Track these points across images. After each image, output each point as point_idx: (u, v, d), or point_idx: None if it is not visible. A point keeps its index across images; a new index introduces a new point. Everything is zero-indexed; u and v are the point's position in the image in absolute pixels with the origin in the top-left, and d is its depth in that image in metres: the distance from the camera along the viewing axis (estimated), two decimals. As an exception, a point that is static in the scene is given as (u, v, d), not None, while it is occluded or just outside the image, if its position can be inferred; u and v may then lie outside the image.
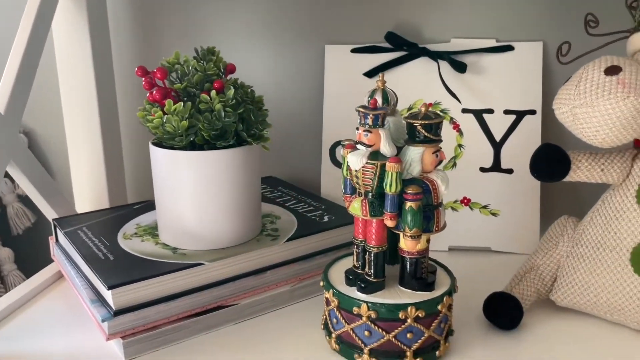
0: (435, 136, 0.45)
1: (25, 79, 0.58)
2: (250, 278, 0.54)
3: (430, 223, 0.45)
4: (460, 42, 0.71)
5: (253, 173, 0.54)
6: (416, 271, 0.47)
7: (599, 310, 0.52)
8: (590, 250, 0.52)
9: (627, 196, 0.50)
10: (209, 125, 0.49)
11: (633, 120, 0.45)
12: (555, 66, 0.69)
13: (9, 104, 0.56)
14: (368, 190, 0.45)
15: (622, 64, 0.46)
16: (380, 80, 0.48)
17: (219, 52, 0.55)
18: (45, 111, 0.82)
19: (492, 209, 0.69)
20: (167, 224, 0.54)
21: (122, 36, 0.78)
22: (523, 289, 0.53)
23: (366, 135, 0.44)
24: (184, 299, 0.50)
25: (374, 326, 0.45)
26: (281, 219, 0.61)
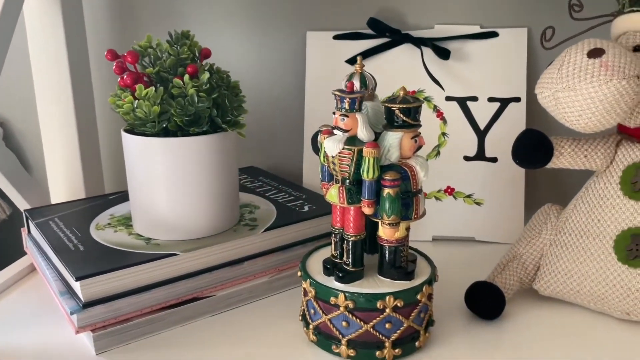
0: (414, 121, 0.44)
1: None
2: (227, 269, 0.52)
3: (409, 210, 0.44)
4: (444, 28, 0.70)
5: (229, 161, 0.52)
6: (395, 260, 0.46)
7: (582, 299, 0.51)
8: (574, 238, 0.51)
9: (610, 183, 0.49)
10: (181, 111, 0.48)
11: (616, 103, 0.44)
12: (540, 53, 0.68)
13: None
14: (345, 177, 0.44)
15: (606, 46, 0.44)
16: (359, 64, 0.47)
17: (194, 36, 0.53)
18: (20, 101, 0.80)
19: (476, 198, 0.68)
20: (140, 214, 0.53)
21: (97, 21, 0.76)
22: (505, 278, 0.52)
23: (343, 119, 0.43)
24: (158, 290, 0.49)
25: (352, 316, 0.44)
26: (260, 209, 0.60)
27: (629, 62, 0.44)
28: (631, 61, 0.44)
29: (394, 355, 0.44)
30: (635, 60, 0.45)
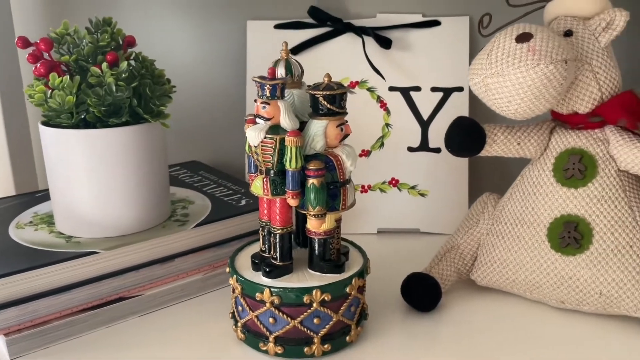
0: (339, 108, 0.42)
1: None
2: (155, 267, 0.50)
3: (337, 201, 0.43)
4: (386, 17, 0.69)
5: (155, 153, 0.50)
6: (324, 253, 0.44)
7: (518, 289, 0.50)
8: (509, 227, 0.50)
9: (544, 170, 0.49)
10: (98, 101, 0.45)
11: (545, 89, 0.43)
12: (483, 41, 0.67)
13: None
14: (269, 168, 0.42)
15: (534, 31, 0.44)
16: (284, 49, 0.45)
17: (116, 22, 0.51)
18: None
19: (421, 189, 0.67)
20: (61, 211, 0.50)
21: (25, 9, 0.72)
22: (443, 269, 0.51)
23: (264, 107, 0.41)
24: (78, 290, 0.46)
25: (279, 312, 0.42)
26: (195, 204, 0.57)
27: (557, 46, 0.43)
28: (559, 45, 0.43)
29: (324, 351, 0.43)
30: (564, 45, 0.44)
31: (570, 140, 0.48)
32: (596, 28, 0.47)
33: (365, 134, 0.68)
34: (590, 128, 0.48)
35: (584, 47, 0.47)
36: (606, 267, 0.45)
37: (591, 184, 0.47)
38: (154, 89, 0.48)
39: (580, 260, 0.46)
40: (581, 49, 0.47)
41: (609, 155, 0.47)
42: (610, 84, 0.47)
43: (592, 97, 0.47)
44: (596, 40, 0.47)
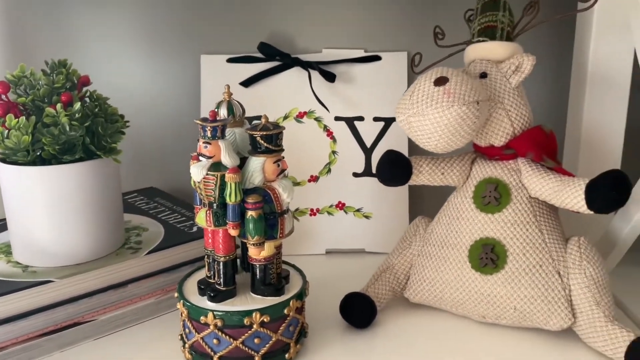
0: (276, 146, 0.47)
1: None
2: (109, 293, 0.53)
3: (275, 230, 0.47)
4: (331, 52, 0.74)
5: (108, 186, 0.54)
6: (265, 277, 0.48)
7: (445, 305, 0.55)
8: (436, 248, 0.55)
9: (465, 197, 0.54)
10: (53, 140, 0.48)
11: (459, 127, 0.48)
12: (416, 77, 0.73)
13: None
14: (212, 201, 0.46)
15: (449, 75, 0.49)
16: (226, 92, 0.49)
17: (71, 64, 0.54)
18: None
19: (365, 212, 0.72)
20: (18, 242, 0.53)
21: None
22: (378, 288, 0.56)
23: (206, 147, 0.45)
24: (34, 317, 0.49)
25: (222, 334, 0.46)
26: (148, 231, 0.61)
27: (470, 89, 0.48)
28: (471, 88, 0.49)
29: (264, 368, 0.47)
30: (477, 87, 0.50)
31: (487, 170, 0.54)
32: (507, 71, 0.53)
33: (314, 161, 0.73)
34: (505, 159, 0.54)
35: (497, 88, 0.52)
36: (519, 285, 0.51)
37: (505, 210, 0.52)
38: (106, 127, 0.52)
39: (496, 279, 0.51)
40: (494, 89, 0.52)
41: (521, 184, 0.52)
42: (521, 120, 0.53)
43: (505, 132, 0.52)
44: (507, 81, 0.53)
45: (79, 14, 0.74)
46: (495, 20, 0.54)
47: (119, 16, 0.74)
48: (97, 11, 0.74)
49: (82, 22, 0.74)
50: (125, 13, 0.74)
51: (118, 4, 0.74)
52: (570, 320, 0.50)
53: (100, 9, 0.74)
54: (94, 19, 0.74)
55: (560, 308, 0.50)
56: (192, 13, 0.74)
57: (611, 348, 0.48)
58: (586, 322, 0.49)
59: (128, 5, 0.74)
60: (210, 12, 0.74)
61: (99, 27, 0.75)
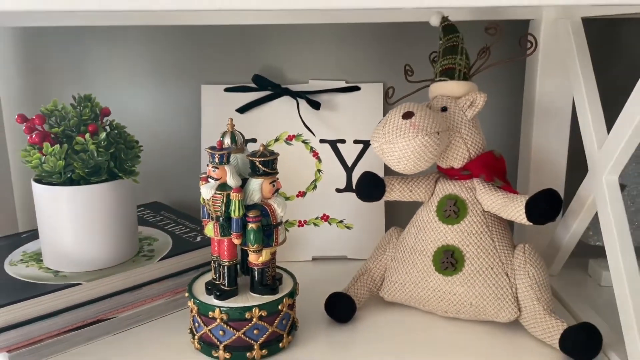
0: (272, 170, 0.56)
1: None
2: (126, 294, 0.62)
3: (271, 239, 0.56)
4: (316, 83, 0.84)
5: (126, 203, 0.63)
6: (262, 279, 0.58)
7: (414, 302, 0.65)
8: (406, 254, 0.65)
9: (430, 211, 0.64)
10: (83, 164, 0.58)
11: (423, 153, 0.58)
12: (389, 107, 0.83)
13: None
14: (219, 215, 0.56)
15: (415, 110, 0.59)
16: (229, 124, 0.59)
17: (95, 98, 0.63)
18: None
19: (347, 223, 0.82)
20: (49, 251, 0.62)
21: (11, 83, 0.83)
22: (357, 289, 0.65)
23: (214, 170, 0.55)
24: (65, 315, 0.58)
25: (227, 326, 0.55)
26: (158, 241, 0.70)
27: (432, 122, 0.59)
28: (433, 121, 0.59)
29: (262, 355, 0.56)
30: (438, 120, 0.60)
31: (448, 188, 0.64)
32: (463, 105, 0.63)
33: (301, 178, 0.82)
34: (462, 179, 0.64)
35: (456, 120, 0.63)
36: (474, 284, 0.61)
37: (463, 222, 0.62)
38: (127, 152, 0.61)
39: (456, 280, 0.61)
40: (453, 121, 0.63)
41: (476, 199, 0.63)
42: (475, 146, 0.63)
43: (462, 156, 0.63)
44: (464, 114, 0.63)
45: (93, 49, 0.83)
46: (453, 63, 0.65)
47: (129, 51, 0.84)
48: (110, 47, 0.83)
49: (96, 57, 0.84)
50: (134, 48, 0.84)
51: (128, 40, 0.83)
52: (516, 313, 0.60)
53: (112, 44, 0.83)
54: (107, 54, 0.84)
55: (508, 304, 0.60)
56: (194, 48, 0.84)
57: (549, 336, 0.58)
58: (529, 315, 0.60)
59: (136, 41, 0.83)
60: (210, 47, 0.84)
61: (111, 61, 0.84)
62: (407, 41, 0.83)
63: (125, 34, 0.83)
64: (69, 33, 0.83)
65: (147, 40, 0.83)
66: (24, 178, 0.86)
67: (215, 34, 0.83)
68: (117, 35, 0.83)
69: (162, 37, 0.83)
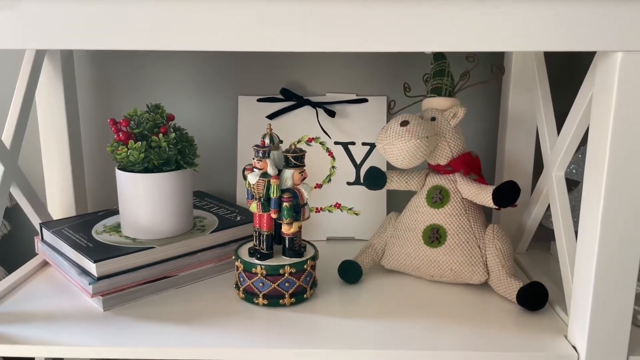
0: (301, 163, 0.74)
1: (22, 123, 0.82)
2: (186, 258, 0.80)
3: (299, 215, 0.75)
4: (332, 95, 1.02)
5: (187, 187, 0.81)
6: (292, 245, 0.76)
7: (408, 269, 0.83)
8: (402, 232, 0.83)
9: (421, 198, 0.83)
10: (158, 157, 0.76)
11: (415, 153, 0.76)
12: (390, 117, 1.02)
13: (12, 142, 0.80)
14: (261, 196, 0.74)
15: (410, 119, 0.77)
16: (268, 127, 0.78)
17: (163, 106, 0.82)
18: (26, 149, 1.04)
19: (355, 210, 1.00)
20: (128, 223, 0.80)
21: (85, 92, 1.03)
22: (363, 259, 0.84)
23: (259, 162, 0.73)
24: (142, 271, 0.76)
25: (265, 279, 0.73)
26: (207, 219, 0.88)
27: (423, 128, 0.77)
28: (424, 128, 0.77)
29: (291, 302, 0.74)
30: (428, 127, 0.78)
31: (436, 180, 0.82)
32: (448, 116, 0.81)
33: (318, 173, 1.01)
34: (446, 173, 0.82)
35: (442, 127, 0.81)
36: (454, 255, 0.79)
37: (446, 206, 0.80)
38: (189, 149, 0.80)
39: (439, 251, 0.79)
40: (440, 128, 0.81)
41: (456, 189, 0.81)
42: (457, 148, 0.81)
43: (446, 156, 0.81)
44: (448, 123, 0.81)
45: (148, 65, 1.02)
46: (441, 83, 0.83)
47: (178, 68, 1.02)
48: (162, 64, 1.02)
49: (150, 72, 1.02)
50: (182, 65, 1.02)
51: (178, 57, 1.02)
52: (485, 276, 0.78)
53: (164, 62, 1.02)
54: (159, 70, 1.02)
55: (479, 269, 0.78)
56: (233, 65, 1.02)
57: (509, 293, 0.76)
58: (495, 277, 0.78)
59: (185, 58, 1.02)
60: (246, 66, 1.02)
61: (162, 76, 1.03)
62: (406, 64, 1.01)
63: (176, 55, 1.02)
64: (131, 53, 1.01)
65: (193, 60, 1.02)
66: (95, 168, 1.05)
67: (250, 54, 1.02)
68: (170, 56, 1.02)
69: (205, 57, 1.02)
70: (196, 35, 0.56)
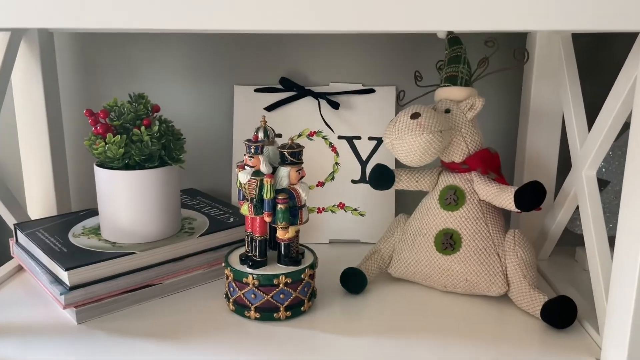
0: (298, 160, 0.66)
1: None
2: (171, 264, 0.73)
3: (296, 218, 0.67)
4: (336, 85, 0.94)
5: (173, 186, 0.73)
6: (288, 252, 0.68)
7: (417, 278, 0.75)
8: (412, 236, 0.75)
9: (433, 199, 0.74)
10: (139, 152, 0.68)
11: (427, 149, 0.68)
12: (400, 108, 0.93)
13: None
14: (253, 197, 0.66)
15: (422, 111, 0.69)
16: (262, 120, 0.69)
17: (147, 96, 0.74)
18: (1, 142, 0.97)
19: (360, 210, 0.92)
20: (108, 225, 0.73)
21: (68, 79, 0.95)
22: (369, 266, 0.75)
23: (250, 159, 0.65)
24: (121, 279, 0.68)
25: (258, 290, 0.66)
26: (197, 221, 0.80)
27: (436, 122, 0.68)
28: (437, 121, 0.69)
29: (286, 316, 0.66)
30: (441, 120, 0.69)
31: (450, 179, 0.74)
32: (464, 108, 0.72)
33: (321, 170, 0.93)
34: (462, 172, 0.74)
35: (457, 120, 0.72)
36: (470, 263, 0.70)
37: (461, 209, 0.72)
38: (175, 143, 0.72)
39: (454, 259, 0.71)
40: (455, 121, 0.72)
41: (473, 190, 0.72)
42: (474, 144, 0.72)
43: (462, 152, 0.72)
44: (465, 116, 0.72)
45: (137, 52, 0.94)
46: (457, 71, 0.74)
47: (168, 54, 0.94)
48: (151, 50, 0.94)
49: (139, 59, 0.95)
50: (173, 52, 0.94)
51: (169, 43, 0.94)
52: (505, 288, 0.70)
53: (154, 48, 0.94)
54: (149, 57, 0.94)
55: (498, 280, 0.70)
56: (228, 52, 0.94)
57: (532, 307, 0.67)
58: (516, 289, 0.69)
59: (177, 44, 0.94)
60: (242, 52, 0.94)
61: (152, 63, 0.95)
62: (417, 50, 0.92)
63: (168, 40, 0.94)
64: (118, 37, 0.94)
65: (186, 45, 0.94)
66: (77, 165, 0.98)
67: (247, 40, 0.94)
68: (161, 41, 0.94)
69: (199, 42, 0.94)
70: (183, 12, 0.48)
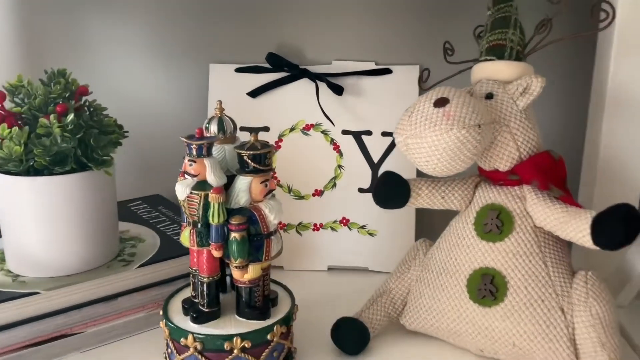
0: (264, 166, 0.45)
1: None
2: (98, 305, 0.53)
3: (260, 252, 0.46)
4: (341, 64, 0.72)
5: (100, 198, 0.53)
6: (250, 300, 0.47)
7: (442, 335, 0.53)
8: (435, 275, 0.52)
9: (467, 223, 0.52)
10: (44, 151, 0.48)
11: (459, 151, 0.46)
12: (432, 89, 0.70)
13: None
14: (196, 220, 0.45)
15: (451, 96, 0.46)
16: (218, 108, 0.48)
17: (70, 74, 0.54)
18: None
19: (370, 229, 0.70)
20: (11, 251, 0.53)
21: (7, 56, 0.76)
22: (373, 314, 0.54)
23: (191, 165, 0.44)
24: (21, 328, 0.49)
25: (202, 357, 0.45)
26: (144, 243, 0.60)
27: (471, 112, 0.46)
28: (473, 111, 0.46)
29: (245, 395, 0.46)
30: (480, 109, 0.47)
31: (491, 196, 0.51)
32: (514, 92, 0.50)
33: (319, 175, 0.71)
34: (509, 185, 0.51)
35: (503, 110, 0.49)
36: (519, 320, 0.48)
37: (508, 239, 0.49)
38: (99, 139, 0.51)
39: (495, 312, 0.48)
40: (500, 111, 0.49)
41: (525, 212, 0.49)
42: (528, 145, 0.50)
43: (510, 157, 0.50)
44: (514, 103, 0.50)
45: (89, 20, 0.74)
46: (504, 38, 0.51)
47: (129, 23, 0.74)
48: (108, 18, 0.74)
49: (92, 29, 0.75)
50: (135, 20, 0.74)
51: (128, 11, 0.74)
52: (571, 359, 0.47)
53: (111, 16, 0.74)
54: (105, 27, 0.75)
55: (562, 347, 0.47)
56: (202, 21, 0.74)
57: (615, 393, 0.44)
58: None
59: (138, 12, 0.74)
60: (219, 20, 0.73)
61: (109, 34, 0.75)
62: (447, 14, 0.69)
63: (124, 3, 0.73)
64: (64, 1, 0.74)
65: (148, 11, 0.74)
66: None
67: (226, 5, 0.73)
68: (116, 5, 0.74)
69: (165, 8, 0.73)
70: None
